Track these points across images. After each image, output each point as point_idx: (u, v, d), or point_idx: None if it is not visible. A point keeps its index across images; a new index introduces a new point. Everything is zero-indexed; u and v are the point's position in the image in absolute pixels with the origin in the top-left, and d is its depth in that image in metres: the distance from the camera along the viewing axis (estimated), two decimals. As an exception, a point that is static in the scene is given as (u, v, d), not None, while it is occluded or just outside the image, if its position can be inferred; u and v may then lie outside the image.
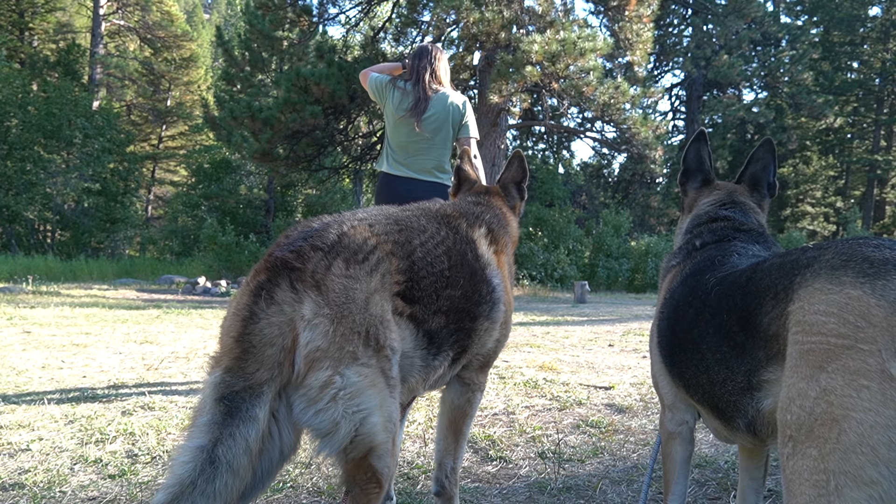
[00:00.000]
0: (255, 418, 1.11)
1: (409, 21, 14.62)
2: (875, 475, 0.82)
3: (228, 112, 14.33)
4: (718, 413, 1.28)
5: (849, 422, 0.85)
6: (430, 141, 3.38)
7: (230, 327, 1.20)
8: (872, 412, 0.83)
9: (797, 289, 1.01)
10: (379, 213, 1.51)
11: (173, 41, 27.47)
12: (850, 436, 0.85)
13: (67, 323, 6.57)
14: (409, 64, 3.55)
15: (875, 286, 0.89)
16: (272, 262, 1.24)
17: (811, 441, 0.90)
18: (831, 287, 0.94)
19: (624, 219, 20.03)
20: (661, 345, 1.49)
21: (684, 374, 1.38)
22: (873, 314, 0.87)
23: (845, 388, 0.86)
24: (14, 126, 19.35)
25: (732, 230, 1.54)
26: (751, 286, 1.16)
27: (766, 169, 1.66)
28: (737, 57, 22.38)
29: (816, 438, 0.89)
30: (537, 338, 6.28)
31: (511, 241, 1.90)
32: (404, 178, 3.34)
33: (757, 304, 1.12)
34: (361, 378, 1.19)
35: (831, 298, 0.93)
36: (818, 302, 0.95)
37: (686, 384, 1.38)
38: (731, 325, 1.19)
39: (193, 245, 21.60)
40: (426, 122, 3.35)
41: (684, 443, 1.53)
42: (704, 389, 1.29)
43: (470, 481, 2.19)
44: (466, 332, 1.55)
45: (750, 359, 1.13)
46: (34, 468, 2.19)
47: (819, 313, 0.94)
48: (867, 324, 0.87)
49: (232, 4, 35.95)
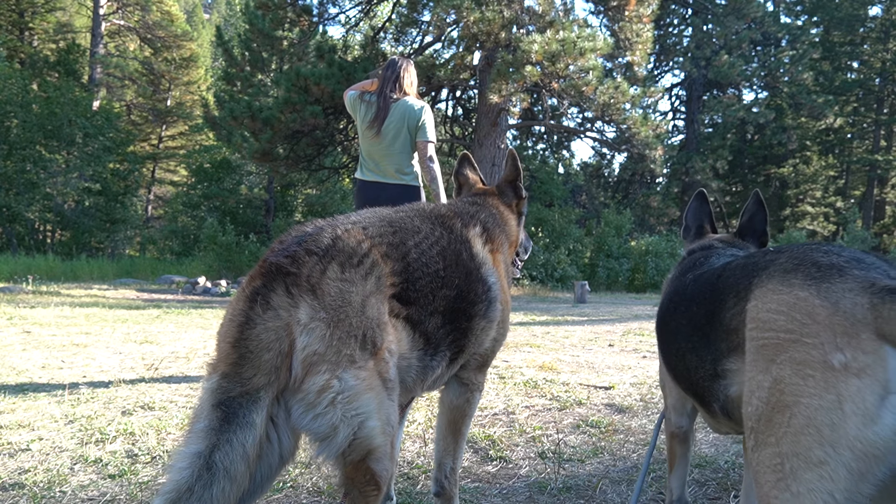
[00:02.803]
0: (253, 424, 1.11)
1: (409, 21, 14.63)
2: (822, 455, 0.91)
3: (228, 112, 14.33)
4: (699, 399, 1.40)
5: (798, 406, 0.95)
6: (391, 147, 3.67)
7: (226, 333, 1.20)
8: (817, 397, 0.93)
9: (754, 289, 1.13)
10: (373, 215, 1.51)
11: (173, 41, 27.47)
12: (799, 419, 0.94)
13: (67, 323, 6.57)
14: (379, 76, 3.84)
15: (820, 288, 1.00)
16: (267, 268, 1.24)
17: (769, 429, 0.99)
18: (782, 288, 1.06)
19: (624, 219, 20.03)
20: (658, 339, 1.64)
21: (670, 363, 1.53)
22: (817, 313, 0.98)
23: (793, 377, 0.97)
24: (14, 126, 19.35)
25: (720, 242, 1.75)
26: (718, 283, 1.29)
27: (753, 219, 1.80)
28: (737, 57, 22.39)
29: (773, 426, 0.98)
30: (537, 338, 6.28)
31: (508, 241, 1.89)
32: (373, 183, 3.70)
33: (721, 300, 1.24)
34: (359, 381, 1.19)
35: (782, 298, 1.05)
36: (770, 301, 1.07)
37: (673, 373, 1.52)
38: (700, 318, 1.32)
39: (193, 245, 21.61)
40: (385, 130, 3.66)
41: (683, 441, 1.74)
42: (684, 377, 1.43)
43: (470, 481, 2.19)
44: (463, 331, 1.55)
45: (714, 349, 1.25)
46: (34, 468, 2.19)
47: (771, 311, 1.05)
48: (812, 321, 0.98)
49: (232, 4, 35.94)
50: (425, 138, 3.66)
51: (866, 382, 0.91)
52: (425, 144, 3.67)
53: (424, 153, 3.69)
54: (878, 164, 26.34)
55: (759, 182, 29.12)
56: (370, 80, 3.95)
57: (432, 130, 3.70)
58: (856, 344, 0.93)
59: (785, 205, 28.52)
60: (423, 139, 3.67)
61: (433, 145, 3.69)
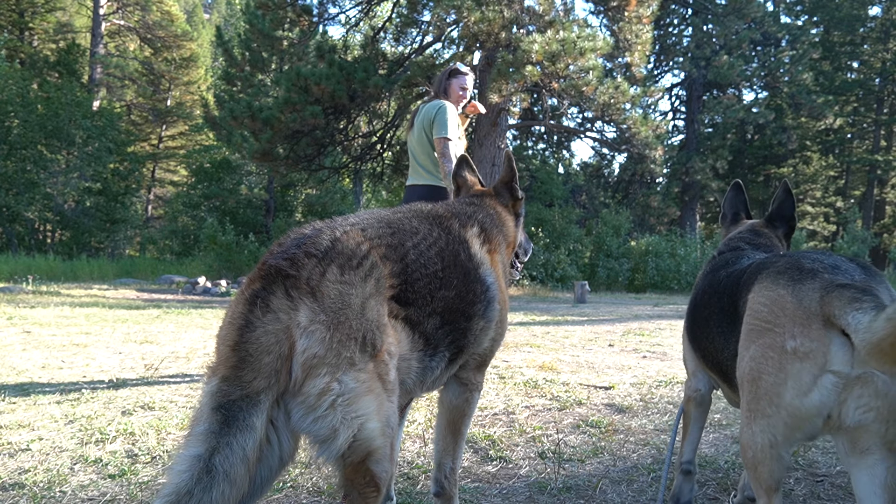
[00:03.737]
0: (253, 427, 1.11)
1: (409, 21, 14.62)
2: (770, 411, 1.27)
3: (228, 112, 14.32)
4: (723, 375, 1.66)
5: (759, 380, 1.29)
6: (417, 148, 3.93)
7: (226, 336, 1.19)
8: (772, 374, 1.26)
9: (754, 284, 1.40)
10: (371, 216, 1.51)
11: (173, 41, 27.47)
12: (760, 387, 1.29)
13: (67, 323, 6.57)
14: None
15: (794, 288, 1.27)
16: (266, 270, 1.23)
17: (744, 391, 1.35)
18: (770, 286, 1.34)
19: (624, 219, 20.02)
20: (687, 324, 1.90)
21: (701, 344, 1.78)
22: (787, 307, 1.26)
23: (760, 357, 1.29)
24: (15, 126, 19.35)
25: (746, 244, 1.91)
26: (741, 279, 1.54)
27: (783, 206, 1.98)
28: (737, 57, 22.38)
29: (746, 390, 1.34)
30: (537, 338, 6.28)
31: (506, 241, 1.90)
32: (409, 186, 3.95)
33: (739, 292, 1.49)
34: (359, 384, 1.19)
35: (768, 294, 1.33)
36: (761, 296, 1.35)
37: (702, 353, 1.78)
38: (727, 307, 1.57)
39: (193, 245, 21.60)
40: (413, 133, 3.94)
41: (699, 404, 1.99)
42: (712, 356, 1.69)
43: (470, 481, 2.19)
44: (462, 332, 1.55)
45: (736, 332, 1.48)
46: (34, 468, 2.19)
47: (759, 304, 1.34)
48: (783, 313, 1.27)
49: (232, 4, 35.92)
50: (436, 134, 3.76)
51: (806, 365, 1.20)
52: (437, 141, 3.77)
53: (437, 149, 3.79)
54: (878, 164, 26.32)
55: (759, 182, 29.12)
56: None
57: (443, 126, 3.76)
58: (806, 332, 1.21)
59: (785, 205, 28.47)
60: (435, 136, 3.77)
61: (444, 141, 3.75)
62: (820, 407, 1.20)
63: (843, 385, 1.17)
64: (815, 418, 1.21)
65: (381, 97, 14.71)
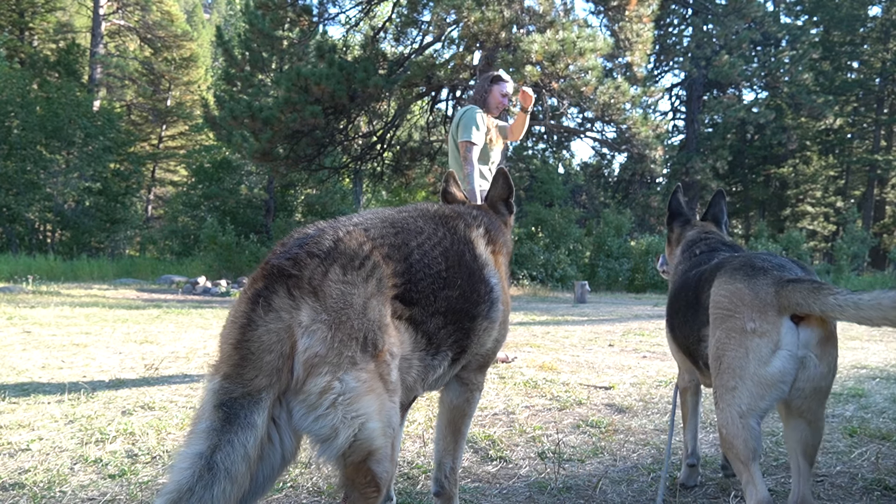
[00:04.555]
0: (254, 425, 1.12)
1: (409, 21, 14.63)
2: (733, 384, 1.49)
3: (228, 112, 14.32)
4: (692, 359, 1.91)
5: (725, 356, 1.53)
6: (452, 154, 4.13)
7: (228, 335, 1.20)
8: (735, 350, 1.50)
9: (715, 279, 1.66)
10: (375, 216, 1.51)
11: (173, 41, 27.48)
12: (725, 362, 1.52)
13: (67, 323, 6.57)
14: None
15: (750, 282, 1.53)
16: (269, 270, 1.24)
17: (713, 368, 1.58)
18: (729, 280, 1.60)
19: (624, 219, 20.02)
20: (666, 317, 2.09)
21: (675, 334, 2.02)
22: (745, 298, 1.52)
23: (725, 338, 1.54)
24: (15, 126, 19.35)
25: (719, 243, 2.16)
26: (704, 275, 1.80)
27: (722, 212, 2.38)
28: (737, 57, 22.37)
29: (714, 366, 1.58)
30: (537, 338, 6.28)
31: (506, 248, 1.90)
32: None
33: (702, 287, 1.75)
34: (360, 383, 1.20)
35: (727, 287, 1.59)
36: (721, 289, 1.61)
37: (676, 341, 2.03)
38: (692, 299, 1.83)
39: (193, 245, 21.60)
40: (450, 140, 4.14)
41: (694, 393, 2.22)
42: (683, 343, 1.94)
43: (470, 481, 2.19)
44: (465, 332, 1.55)
45: (698, 321, 1.76)
46: (34, 468, 2.19)
47: (720, 295, 1.60)
48: (741, 303, 1.52)
49: (232, 4, 35.93)
50: (459, 138, 3.97)
51: (765, 341, 1.45)
52: (459, 144, 3.97)
53: (460, 153, 3.98)
54: (878, 164, 26.31)
55: (759, 182, 29.13)
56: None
57: (467, 130, 3.94)
58: (763, 317, 1.46)
59: (785, 205, 28.50)
60: (459, 140, 3.98)
61: (467, 145, 3.93)
62: (781, 373, 1.43)
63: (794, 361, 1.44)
64: (780, 384, 1.44)
65: (381, 97, 14.71)
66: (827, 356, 1.47)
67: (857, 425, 2.92)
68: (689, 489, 2.15)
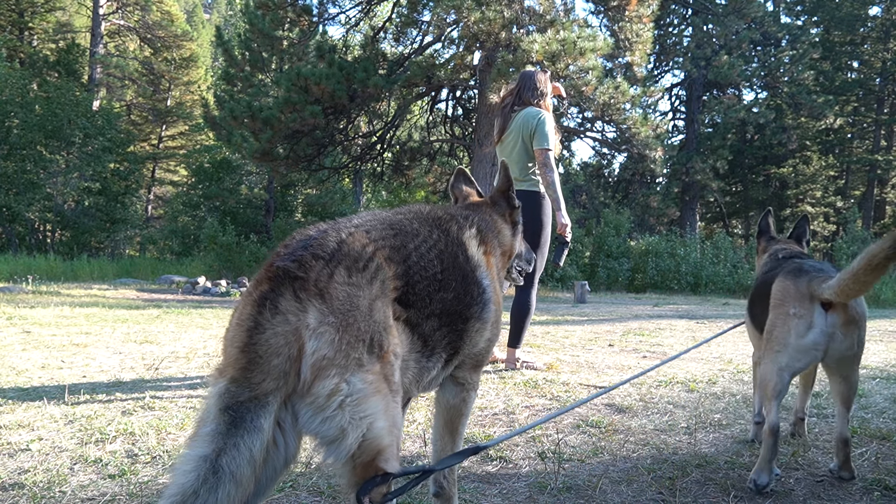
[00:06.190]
0: (261, 429, 1.11)
1: (409, 21, 14.62)
2: (778, 349, 2.12)
3: (228, 112, 14.31)
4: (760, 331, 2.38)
5: (774, 330, 2.15)
6: (510, 155, 4.17)
7: (234, 338, 1.19)
8: (781, 328, 2.12)
9: (775, 279, 2.24)
10: (373, 218, 1.52)
11: (173, 41, 27.49)
12: (773, 335, 2.15)
13: (67, 323, 6.57)
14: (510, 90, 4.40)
15: (795, 281, 2.14)
16: (274, 272, 1.23)
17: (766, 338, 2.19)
18: (782, 280, 2.20)
19: (624, 219, 20.02)
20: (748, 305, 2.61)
21: (753, 317, 2.52)
22: (790, 291, 2.13)
23: (775, 318, 2.16)
24: (15, 126, 19.34)
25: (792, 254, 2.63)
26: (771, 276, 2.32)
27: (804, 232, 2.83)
28: (737, 57, 22.38)
29: (767, 337, 2.19)
30: (537, 338, 6.28)
31: (501, 247, 1.92)
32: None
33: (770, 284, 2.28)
34: (367, 385, 1.20)
35: (780, 284, 2.19)
36: (777, 285, 2.21)
37: (754, 322, 2.52)
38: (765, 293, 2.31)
39: (193, 245, 21.59)
40: (505, 140, 4.24)
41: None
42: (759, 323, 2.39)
43: (470, 481, 2.19)
44: (459, 333, 1.56)
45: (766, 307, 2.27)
46: (34, 468, 2.19)
47: (776, 290, 2.20)
48: (788, 295, 2.13)
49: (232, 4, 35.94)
50: (538, 146, 4.05)
51: (803, 321, 2.05)
52: (539, 152, 4.05)
53: (539, 160, 4.06)
54: (878, 164, 26.29)
55: (759, 182, 29.12)
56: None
57: (544, 138, 4.04)
58: (802, 304, 2.07)
59: (785, 205, 28.47)
60: (536, 147, 4.06)
61: (546, 152, 4.03)
62: (814, 344, 2.04)
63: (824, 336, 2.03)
64: (812, 351, 2.05)
65: (381, 97, 14.71)
66: (851, 333, 2.03)
67: (857, 425, 2.93)
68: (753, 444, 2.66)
